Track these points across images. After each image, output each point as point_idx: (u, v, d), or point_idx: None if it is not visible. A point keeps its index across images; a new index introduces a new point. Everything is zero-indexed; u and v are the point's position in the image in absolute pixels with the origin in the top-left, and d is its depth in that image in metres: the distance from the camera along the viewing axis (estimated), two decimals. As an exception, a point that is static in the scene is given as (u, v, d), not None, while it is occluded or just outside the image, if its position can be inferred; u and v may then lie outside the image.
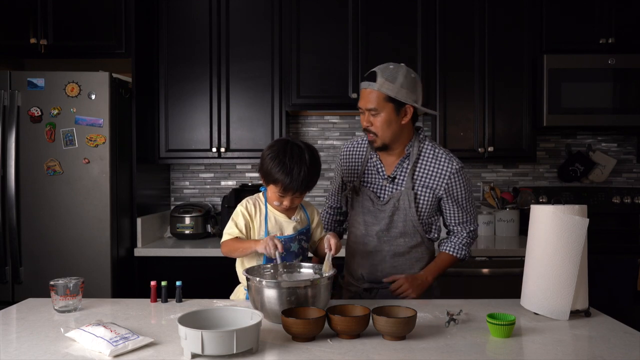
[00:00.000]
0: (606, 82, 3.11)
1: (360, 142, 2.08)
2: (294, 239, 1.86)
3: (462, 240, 2.03)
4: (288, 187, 1.75)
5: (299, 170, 1.74)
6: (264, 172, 1.81)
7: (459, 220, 2.01)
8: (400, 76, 1.84)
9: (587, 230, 1.60)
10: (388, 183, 1.95)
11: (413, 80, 1.87)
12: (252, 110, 3.23)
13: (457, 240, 2.03)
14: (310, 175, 1.78)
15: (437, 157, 1.94)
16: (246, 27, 3.22)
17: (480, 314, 1.64)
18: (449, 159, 1.94)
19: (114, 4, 2.99)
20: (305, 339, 1.40)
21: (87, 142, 2.73)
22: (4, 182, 2.72)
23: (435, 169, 1.92)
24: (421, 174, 1.93)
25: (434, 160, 1.93)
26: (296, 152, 1.76)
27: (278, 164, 1.74)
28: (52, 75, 2.75)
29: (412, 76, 1.88)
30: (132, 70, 3.00)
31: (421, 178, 1.93)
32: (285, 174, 1.73)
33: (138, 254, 2.97)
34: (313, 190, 3.56)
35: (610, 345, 1.39)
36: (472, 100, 3.21)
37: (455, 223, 2.02)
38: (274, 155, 1.77)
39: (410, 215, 1.92)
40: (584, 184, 3.55)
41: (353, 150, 2.09)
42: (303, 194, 1.82)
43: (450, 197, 1.95)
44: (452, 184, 1.93)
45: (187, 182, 3.62)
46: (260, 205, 1.89)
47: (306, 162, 1.75)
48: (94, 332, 1.37)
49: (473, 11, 3.20)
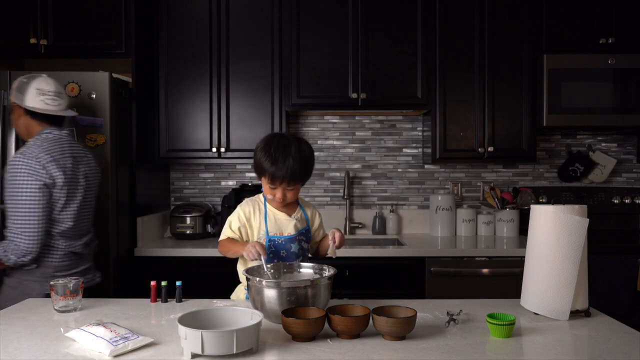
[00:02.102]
0: (606, 82, 3.11)
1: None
2: (294, 239, 1.86)
3: None
4: (275, 176, 1.78)
5: (284, 159, 1.76)
6: (255, 165, 1.85)
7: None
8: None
9: (587, 230, 1.60)
10: None
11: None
12: (252, 110, 3.23)
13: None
14: (298, 164, 1.78)
15: None
16: (246, 27, 3.22)
17: (480, 314, 1.64)
18: None
19: (114, 4, 2.98)
20: (305, 339, 1.40)
21: (87, 142, 2.73)
22: (4, 182, 2.72)
23: None
24: None
25: None
26: (283, 142, 1.80)
27: (265, 154, 1.79)
28: (52, 75, 2.74)
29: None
30: (132, 70, 3.00)
31: None
32: (270, 162, 1.77)
33: (138, 254, 2.97)
34: (313, 190, 3.58)
35: (610, 345, 1.39)
36: (472, 100, 3.21)
37: None
38: (262, 146, 1.82)
39: None
40: (584, 184, 3.56)
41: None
42: (293, 184, 1.82)
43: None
44: None
45: (187, 182, 3.62)
46: (259, 205, 1.90)
47: (291, 152, 1.78)
48: (94, 332, 1.37)
49: (473, 11, 3.20)
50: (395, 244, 3.32)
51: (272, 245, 1.84)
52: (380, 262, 2.90)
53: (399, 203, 3.59)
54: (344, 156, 3.60)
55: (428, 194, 3.59)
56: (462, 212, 3.41)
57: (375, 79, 3.18)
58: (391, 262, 2.91)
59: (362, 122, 3.59)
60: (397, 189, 3.59)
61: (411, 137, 3.59)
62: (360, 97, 3.17)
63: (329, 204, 3.60)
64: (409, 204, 3.60)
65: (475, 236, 3.38)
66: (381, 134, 3.59)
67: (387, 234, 3.49)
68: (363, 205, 3.60)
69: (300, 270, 1.78)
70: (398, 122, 3.59)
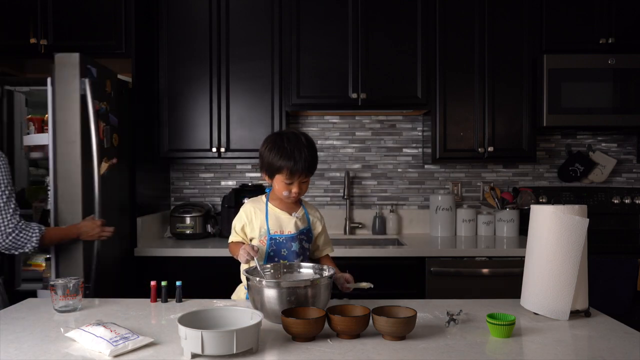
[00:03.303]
0: (606, 82, 3.11)
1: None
2: (295, 238, 1.86)
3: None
4: (294, 170, 1.77)
5: (300, 151, 1.77)
6: (266, 165, 1.83)
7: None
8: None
9: (587, 230, 1.60)
10: None
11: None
12: (252, 110, 3.23)
13: None
14: (311, 155, 1.80)
15: None
16: (246, 27, 3.22)
17: (480, 314, 1.64)
18: None
19: (114, 4, 2.99)
20: (305, 339, 1.40)
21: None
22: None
23: None
24: None
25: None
26: (292, 136, 1.81)
27: (278, 151, 1.77)
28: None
29: None
30: (132, 70, 3.00)
31: None
32: (288, 158, 1.76)
33: (138, 254, 2.96)
34: (313, 190, 3.58)
35: (610, 345, 1.39)
36: (472, 100, 3.21)
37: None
38: (271, 146, 1.81)
39: None
40: (584, 184, 3.56)
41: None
42: (308, 176, 1.83)
43: None
44: None
45: (187, 182, 3.62)
46: (261, 205, 1.91)
47: (304, 143, 1.79)
48: (94, 332, 1.37)
49: (473, 11, 3.20)
50: (395, 244, 3.32)
51: (273, 243, 1.84)
52: (380, 262, 2.90)
53: (399, 203, 3.59)
54: (344, 156, 3.60)
55: (428, 194, 3.59)
56: (462, 212, 3.41)
57: (375, 79, 3.18)
58: (391, 262, 2.90)
59: (362, 122, 3.59)
60: (397, 189, 3.59)
61: (411, 137, 3.59)
62: (360, 97, 3.17)
63: (329, 204, 3.60)
64: (409, 204, 3.60)
65: (475, 236, 3.38)
66: (381, 134, 3.59)
67: (387, 234, 3.49)
68: (363, 205, 3.60)
69: (300, 270, 1.78)
70: (398, 122, 3.59)
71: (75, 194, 2.40)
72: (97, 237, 2.39)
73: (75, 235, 2.31)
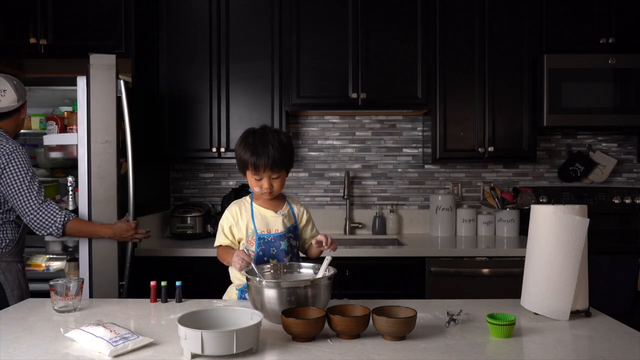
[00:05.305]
0: (606, 82, 3.11)
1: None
2: (284, 237, 1.86)
3: None
4: (257, 164, 1.79)
5: (264, 146, 1.80)
6: (238, 163, 1.88)
7: None
8: None
9: (587, 230, 1.60)
10: None
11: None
12: (252, 110, 3.23)
13: None
14: (277, 149, 1.81)
15: None
16: (246, 27, 3.22)
17: (480, 314, 1.64)
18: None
19: (114, 4, 2.98)
20: (305, 339, 1.40)
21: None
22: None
23: None
24: None
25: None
26: (259, 132, 1.85)
27: (245, 147, 1.83)
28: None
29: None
30: (132, 70, 2.99)
31: None
32: (251, 152, 1.80)
33: (138, 253, 2.96)
34: (313, 190, 3.58)
35: (610, 345, 1.38)
36: (472, 100, 3.21)
37: None
38: (239, 141, 1.87)
39: None
40: (584, 184, 3.55)
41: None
42: (277, 172, 1.83)
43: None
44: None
45: (187, 182, 3.62)
46: (245, 205, 1.91)
47: (269, 139, 1.82)
48: (93, 332, 1.37)
49: (473, 11, 3.20)
50: (395, 244, 3.32)
51: (261, 243, 1.84)
52: (380, 262, 2.90)
53: (399, 203, 3.59)
54: (344, 156, 3.60)
55: (428, 194, 3.59)
56: (462, 212, 3.41)
57: (375, 79, 3.18)
58: (391, 262, 2.90)
59: (362, 122, 3.59)
60: (397, 189, 3.59)
61: (411, 137, 3.58)
62: (360, 97, 3.17)
63: (329, 204, 3.60)
64: (409, 204, 3.60)
65: (475, 236, 3.38)
66: (381, 134, 3.59)
67: (387, 234, 3.49)
68: (363, 205, 3.60)
69: (300, 270, 1.78)
70: (398, 122, 3.59)
71: (111, 194, 2.41)
72: (130, 239, 2.39)
73: (107, 235, 2.32)
